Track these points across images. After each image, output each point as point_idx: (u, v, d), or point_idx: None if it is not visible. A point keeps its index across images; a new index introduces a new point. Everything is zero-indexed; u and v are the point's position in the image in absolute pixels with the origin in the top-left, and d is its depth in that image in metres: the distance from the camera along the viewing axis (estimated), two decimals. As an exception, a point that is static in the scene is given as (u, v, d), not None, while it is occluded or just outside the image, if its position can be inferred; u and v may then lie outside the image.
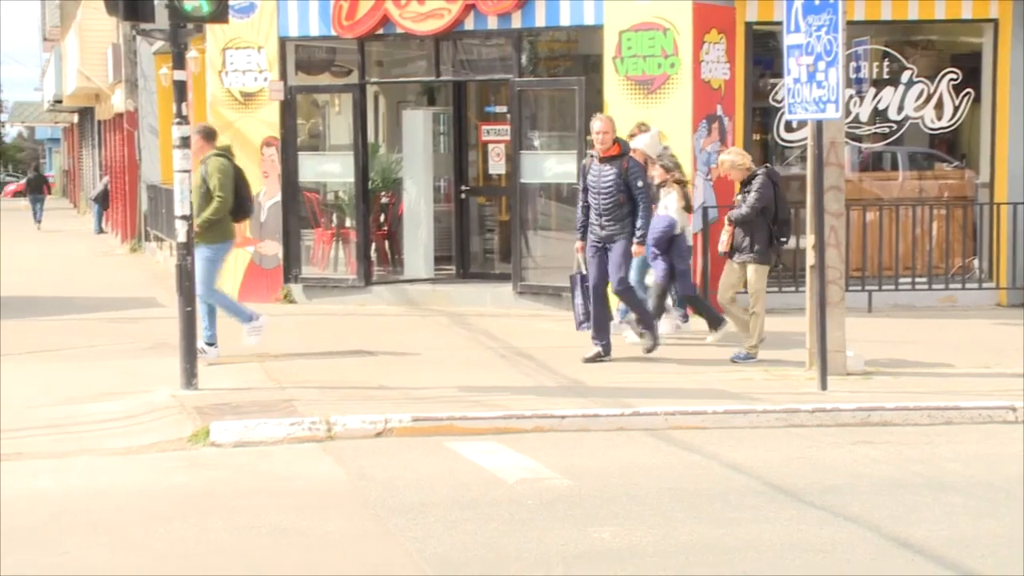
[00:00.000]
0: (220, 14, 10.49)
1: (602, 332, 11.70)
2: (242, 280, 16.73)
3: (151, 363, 11.92)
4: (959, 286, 15.54)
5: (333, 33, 16.17)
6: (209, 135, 12.39)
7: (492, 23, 15.58)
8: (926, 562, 6.33)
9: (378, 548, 6.65)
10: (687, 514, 7.16)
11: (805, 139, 12.31)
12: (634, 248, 11.46)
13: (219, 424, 9.16)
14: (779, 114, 14.87)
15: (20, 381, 11.27)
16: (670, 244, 12.64)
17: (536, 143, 16.10)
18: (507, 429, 9.08)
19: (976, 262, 15.81)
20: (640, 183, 11.42)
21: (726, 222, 12.01)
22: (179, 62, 10.73)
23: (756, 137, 15.87)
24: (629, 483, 7.84)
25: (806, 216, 11.15)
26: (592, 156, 11.60)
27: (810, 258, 10.83)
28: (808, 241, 10.94)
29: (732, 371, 11.23)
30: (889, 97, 15.58)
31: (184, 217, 10.65)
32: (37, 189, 39.72)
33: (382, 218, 17.76)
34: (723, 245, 11.96)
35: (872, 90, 15.62)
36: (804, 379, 10.75)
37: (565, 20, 15.45)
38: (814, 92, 10.36)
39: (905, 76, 15.60)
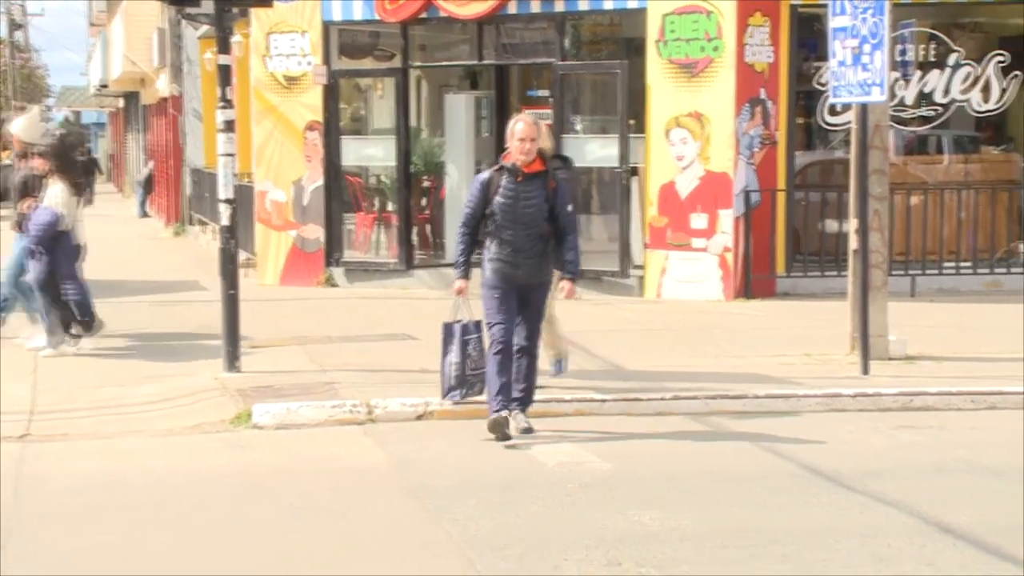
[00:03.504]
0: (265, -2, 10.54)
1: (508, 398, 8.49)
2: (284, 264, 16.83)
3: (194, 345, 12.00)
4: (1004, 270, 15.39)
5: (376, 17, 16.21)
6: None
7: (535, 7, 15.56)
8: (968, 547, 6.29)
9: (418, 530, 6.68)
10: (726, 498, 7.15)
11: (849, 122, 12.21)
12: (567, 287, 8.66)
13: (261, 406, 9.22)
14: (823, 97, 14.77)
15: (67, 363, 11.39)
16: (54, 242, 11.54)
17: (578, 127, 16.07)
18: (547, 412, 9.09)
19: (1022, 246, 15.65)
20: (570, 207, 8.66)
21: None
22: (223, 46, 10.79)
23: (800, 120, 15.78)
24: (669, 466, 7.83)
25: (849, 200, 11.08)
26: (504, 170, 8.50)
27: (853, 242, 10.76)
28: (851, 225, 10.86)
29: (773, 355, 11.16)
30: (935, 80, 15.44)
31: (228, 201, 10.70)
32: (89, 171, 40.95)
33: (423, 202, 17.79)
34: None
35: (918, 73, 15.47)
36: (846, 363, 10.69)
37: (608, 3, 15.41)
38: (859, 75, 10.28)
39: (952, 59, 15.44)
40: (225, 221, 10.74)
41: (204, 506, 7.13)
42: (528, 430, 8.46)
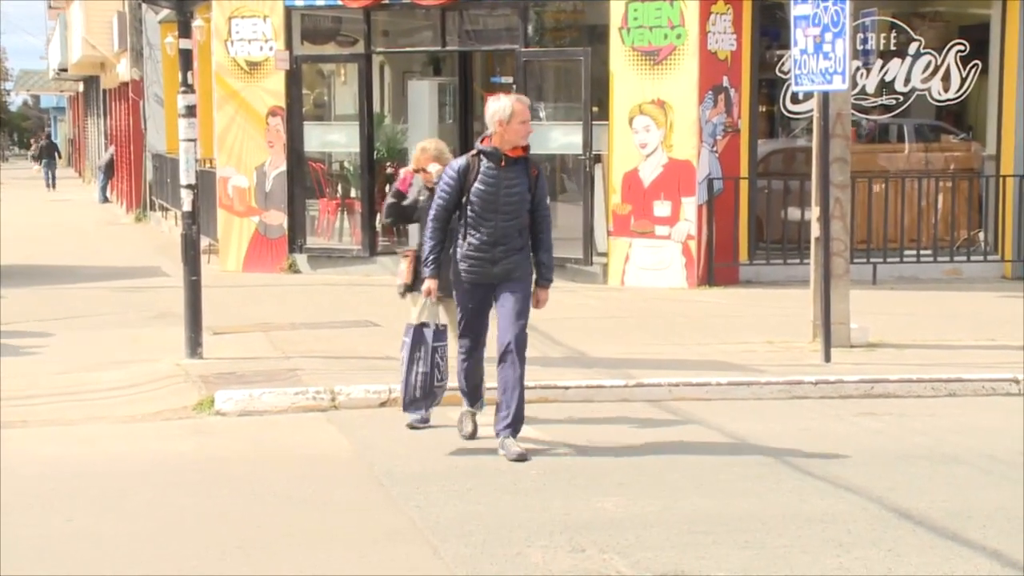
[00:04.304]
0: (225, -17, 10.47)
1: (476, 399, 8.20)
2: (247, 250, 16.75)
3: (156, 332, 11.95)
4: (964, 258, 15.53)
5: (339, 3, 16.14)
6: None
7: (498, -7, 15.53)
8: (927, 533, 6.35)
9: (382, 516, 6.68)
10: (689, 484, 7.18)
11: (811, 111, 12.29)
12: (539, 293, 7.98)
13: (224, 393, 9.19)
14: (786, 85, 14.83)
15: (27, 350, 11.30)
16: None
17: (542, 114, 16.06)
18: (511, 399, 9.07)
19: (981, 234, 15.80)
20: (547, 200, 8.12)
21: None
22: (185, 31, 10.72)
23: (763, 108, 15.83)
24: (632, 453, 7.86)
25: (812, 188, 11.13)
26: (483, 154, 7.81)
27: (815, 230, 10.82)
28: (813, 213, 10.92)
29: (735, 343, 11.23)
30: (896, 69, 15.53)
31: (190, 186, 10.65)
32: (49, 155, 41.66)
33: (387, 188, 17.74)
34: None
35: (879, 62, 15.56)
36: (808, 351, 10.75)
37: (571, -10, 15.40)
38: (820, 63, 10.33)
39: (912, 48, 15.54)
40: (187, 207, 10.69)
41: (167, 493, 7.09)
42: (522, 457, 7.67)
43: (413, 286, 8.52)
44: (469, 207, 7.78)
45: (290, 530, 6.45)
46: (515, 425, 7.83)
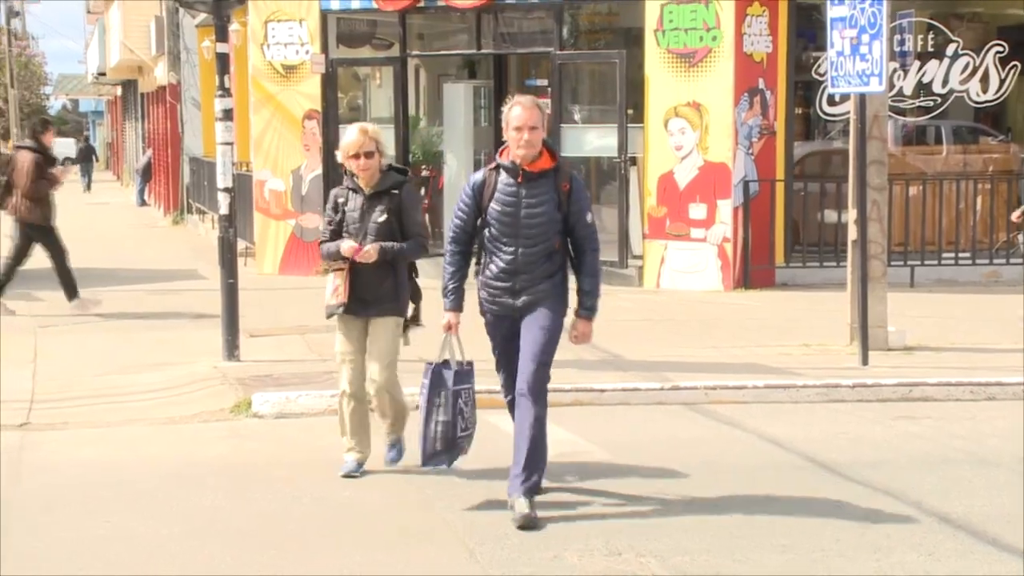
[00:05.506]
0: (262, -13, 10.52)
1: (535, 467, 6.65)
2: (283, 253, 16.82)
3: (193, 334, 12.01)
4: (1003, 261, 15.40)
5: (374, 6, 16.18)
6: None
7: (533, -4, 15.55)
8: (967, 537, 6.30)
9: (417, 519, 6.69)
10: (725, 488, 7.15)
11: (848, 113, 12.21)
12: (579, 325, 6.78)
13: (260, 395, 9.22)
14: (822, 87, 14.77)
15: (67, 352, 11.39)
16: None
17: (577, 116, 16.07)
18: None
19: (1021, 237, 15.66)
20: (590, 216, 6.74)
21: None
22: (221, 34, 10.77)
23: (799, 111, 15.77)
24: (668, 457, 7.84)
25: (848, 190, 11.08)
26: (501, 168, 6.73)
27: (852, 232, 10.76)
28: (850, 215, 10.87)
29: (771, 346, 11.17)
30: (934, 70, 15.44)
31: (226, 190, 10.70)
32: (87, 158, 42.40)
33: (422, 191, 17.78)
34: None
35: (916, 63, 15.48)
36: (845, 354, 10.69)
37: (606, -8, 15.39)
38: (857, 65, 10.27)
39: (950, 49, 15.44)
40: (224, 210, 10.74)
41: (204, 495, 7.13)
42: (529, 523, 6.40)
43: (353, 306, 7.35)
44: (487, 229, 6.73)
45: (326, 532, 6.47)
46: (528, 478, 6.57)
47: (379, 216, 7.37)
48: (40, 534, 6.46)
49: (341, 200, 7.56)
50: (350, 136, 7.49)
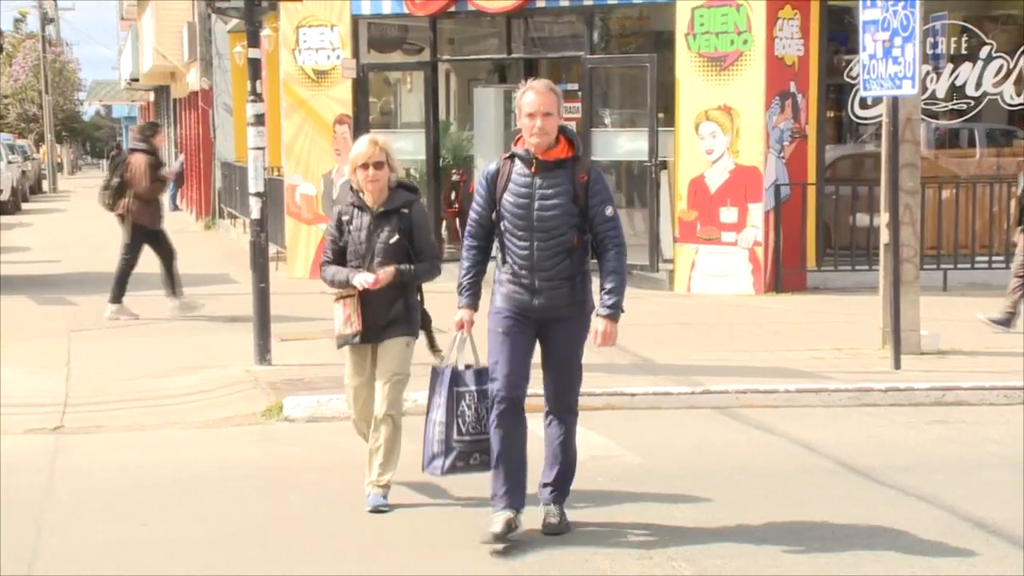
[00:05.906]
0: (294, -8, 10.58)
1: (517, 489, 6.35)
2: (314, 257, 16.85)
3: (225, 338, 12.06)
4: (1037, 265, 15.27)
5: (405, 11, 16.23)
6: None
7: (564, 0, 15.55)
8: (1002, 542, 6.27)
9: (449, 520, 6.69)
10: (757, 493, 7.14)
11: (880, 116, 12.18)
12: (603, 327, 6.35)
13: (292, 399, 9.26)
14: (854, 91, 14.71)
15: (101, 356, 11.46)
16: None
17: (607, 121, 16.06)
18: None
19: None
20: (610, 210, 6.31)
21: None
22: (253, 40, 10.83)
23: (830, 114, 15.71)
24: (700, 461, 7.83)
25: (880, 194, 11.03)
26: (516, 158, 6.37)
27: (884, 236, 10.72)
28: (882, 219, 10.82)
29: (803, 350, 11.13)
30: (967, 73, 15.35)
31: (258, 194, 10.75)
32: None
33: (453, 195, 17.81)
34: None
35: (949, 66, 15.39)
36: (877, 358, 10.65)
37: (637, -3, 15.37)
38: (890, 68, 10.23)
39: (984, 51, 15.35)
40: (255, 214, 10.79)
41: (238, 498, 7.17)
42: (558, 528, 6.34)
43: (367, 335, 6.90)
44: (501, 222, 6.36)
45: (357, 536, 6.49)
46: (561, 488, 6.47)
47: (388, 237, 6.98)
48: (74, 537, 6.50)
49: (345, 218, 7.20)
50: (359, 147, 7.20)
